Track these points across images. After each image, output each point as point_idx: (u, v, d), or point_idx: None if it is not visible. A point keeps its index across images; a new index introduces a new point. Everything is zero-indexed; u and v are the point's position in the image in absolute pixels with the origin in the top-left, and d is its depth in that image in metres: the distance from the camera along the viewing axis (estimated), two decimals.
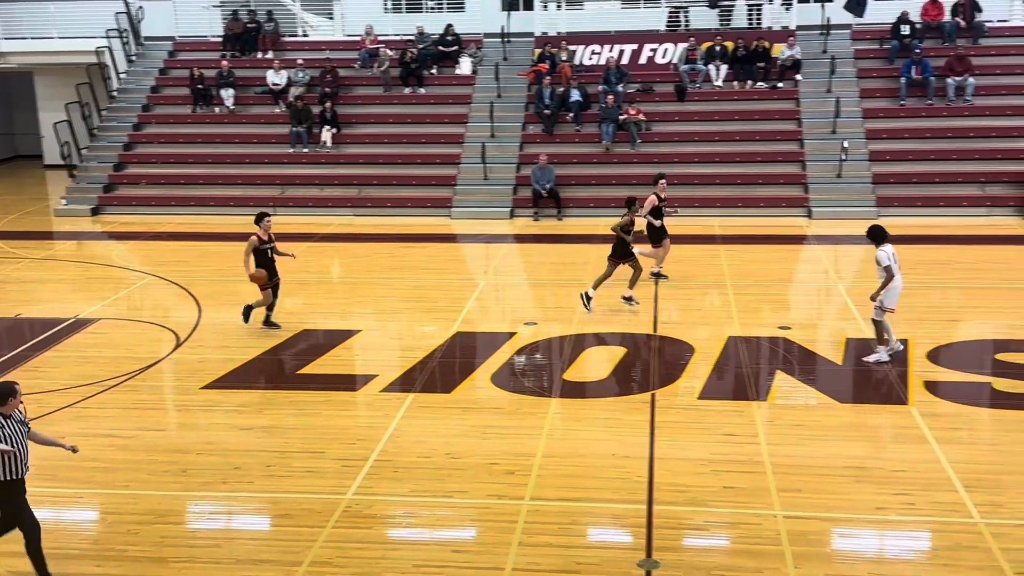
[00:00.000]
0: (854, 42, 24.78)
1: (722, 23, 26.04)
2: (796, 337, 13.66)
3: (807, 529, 8.70)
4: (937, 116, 22.77)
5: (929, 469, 9.74)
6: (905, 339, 13.30)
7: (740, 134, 23.25)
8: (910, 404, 11.32)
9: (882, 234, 12.43)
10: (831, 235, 19.67)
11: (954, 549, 8.33)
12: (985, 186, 21.25)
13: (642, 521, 8.91)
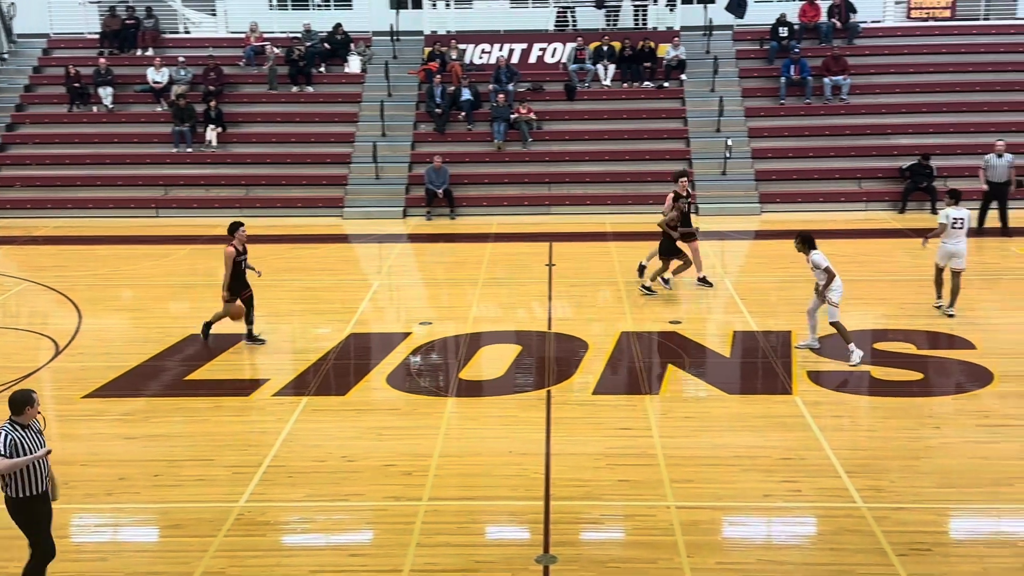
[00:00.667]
0: (736, 43, 25.46)
1: (609, 23, 26.42)
2: (686, 331, 13.95)
3: (699, 518, 8.89)
4: (815, 115, 23.56)
5: (813, 456, 10.07)
6: (788, 331, 13.74)
7: (629, 133, 23.63)
8: (794, 393, 11.69)
9: (813, 239, 12.70)
10: (717, 231, 20.14)
11: (838, 533, 8.63)
12: (861, 182, 22.08)
13: (539, 517, 8.96)
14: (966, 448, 10.16)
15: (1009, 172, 18.90)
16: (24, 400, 7.46)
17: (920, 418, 10.94)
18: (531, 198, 22.50)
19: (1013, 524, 8.77)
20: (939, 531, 8.67)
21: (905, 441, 10.39)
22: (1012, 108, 23.09)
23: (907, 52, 24.72)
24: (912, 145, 22.21)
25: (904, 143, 22.49)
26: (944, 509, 9.00)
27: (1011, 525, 8.75)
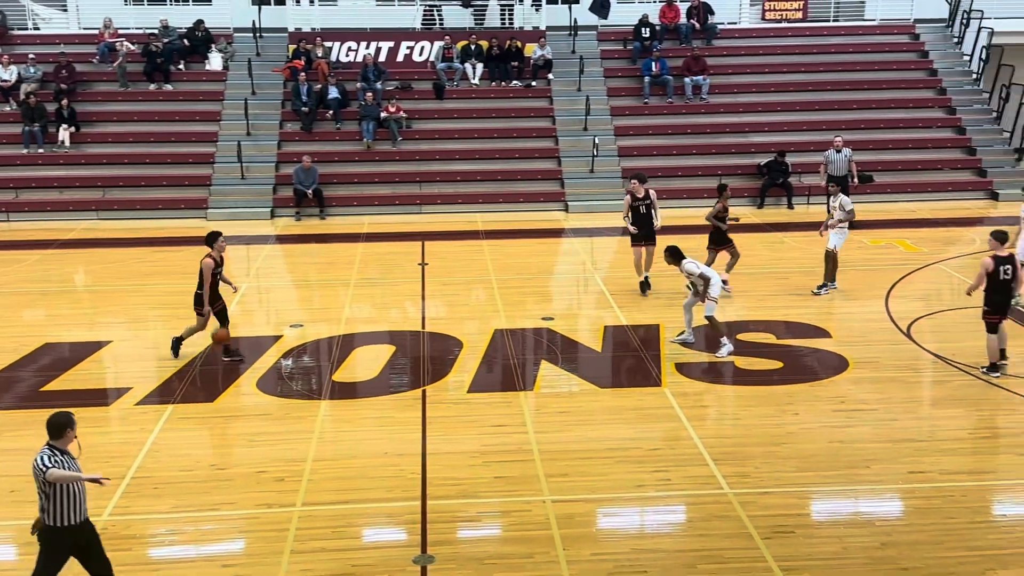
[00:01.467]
0: (600, 43, 25.91)
1: (476, 22, 26.50)
2: (559, 327, 14.13)
3: (574, 512, 9.02)
4: (678, 113, 24.20)
5: (682, 446, 10.35)
6: (657, 324, 14.08)
7: (498, 131, 23.77)
8: (663, 386, 11.98)
9: (680, 251, 13.04)
10: (587, 228, 20.48)
11: (707, 519, 8.90)
12: (722, 178, 22.78)
13: (416, 517, 8.93)
14: (824, 433, 10.62)
15: (848, 166, 19.82)
16: (65, 423, 6.96)
17: (781, 405, 11.37)
18: (402, 197, 22.38)
19: (870, 504, 9.21)
20: (801, 513, 9.04)
21: (767, 428, 10.78)
22: (861, 106, 24.22)
23: (762, 53, 25.64)
24: (769, 143, 23.06)
25: (761, 141, 23.33)
26: (805, 492, 9.38)
27: (868, 505, 9.19)
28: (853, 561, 8.19)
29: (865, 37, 26.00)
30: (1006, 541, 8.40)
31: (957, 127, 23.82)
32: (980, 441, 10.33)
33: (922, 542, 8.43)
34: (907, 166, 22.92)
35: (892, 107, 24.21)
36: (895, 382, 11.98)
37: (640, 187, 15.38)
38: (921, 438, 10.50)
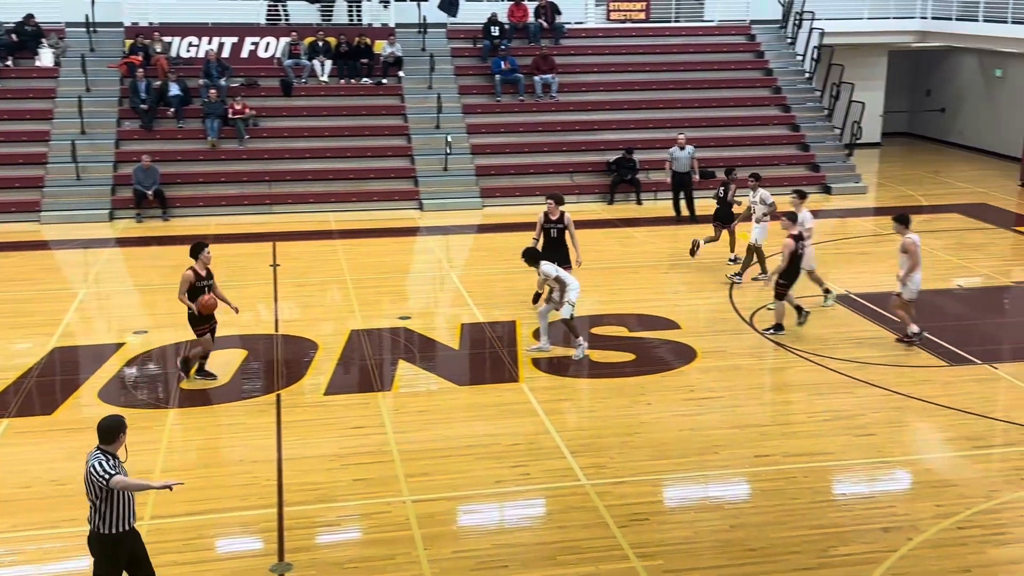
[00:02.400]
0: (450, 40, 25.92)
1: (323, 19, 26.08)
2: (416, 326, 14.07)
3: (435, 510, 9.01)
4: (528, 112, 24.46)
5: (540, 440, 10.48)
6: (513, 320, 14.20)
7: (349, 129, 23.46)
8: (521, 381, 12.10)
9: (538, 254, 13.04)
10: (442, 226, 20.47)
11: (565, 511, 9.04)
12: (573, 175, 23.19)
13: (273, 525, 8.73)
14: (675, 421, 10.96)
15: (691, 163, 20.50)
16: (118, 426, 6.81)
17: (634, 396, 11.66)
18: (251, 197, 21.82)
19: (719, 489, 9.55)
20: (655, 501, 9.30)
21: (622, 419, 11.04)
22: (702, 104, 25.05)
23: (608, 52, 26.20)
24: (617, 140, 23.58)
25: (610, 138, 23.83)
26: (659, 480, 9.65)
27: (717, 490, 9.53)
28: (704, 544, 8.48)
29: (704, 37, 26.91)
30: (846, 518, 8.87)
31: (792, 124, 24.93)
32: (819, 424, 10.86)
33: (768, 523, 8.80)
34: (747, 162, 23.77)
35: (731, 105, 25.14)
36: (740, 370, 12.46)
37: (555, 208, 14.16)
38: (765, 423, 10.96)
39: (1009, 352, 13.25)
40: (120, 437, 6.82)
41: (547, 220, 14.19)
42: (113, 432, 6.80)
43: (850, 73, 25.75)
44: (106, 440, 6.79)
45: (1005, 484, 9.44)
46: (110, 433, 6.79)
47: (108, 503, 6.72)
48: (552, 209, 14.17)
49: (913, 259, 12.74)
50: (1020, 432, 10.57)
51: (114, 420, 6.90)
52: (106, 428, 6.82)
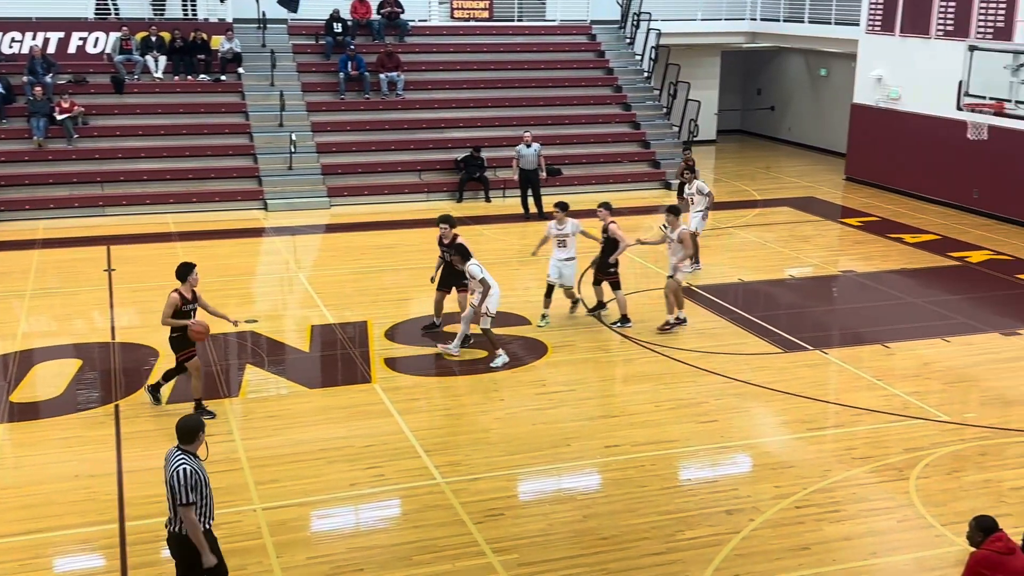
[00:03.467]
0: (291, 37, 25.39)
1: (156, 13, 25.09)
2: (263, 329, 13.74)
3: (287, 517, 8.84)
4: (374, 109, 24.24)
5: (395, 440, 10.42)
6: (364, 321, 14.06)
7: (187, 128, 22.67)
8: (373, 381, 12.00)
9: (468, 250, 12.68)
10: (288, 226, 20.06)
11: (421, 511, 9.02)
12: (422, 174, 23.13)
13: (115, 541, 8.38)
14: (528, 416, 11.09)
15: (538, 160, 20.81)
16: (197, 426, 6.82)
17: (487, 393, 11.74)
18: (82, 199, 20.81)
19: (572, 480, 9.73)
20: (510, 495, 9.39)
21: (476, 416, 11.11)
22: (547, 103, 25.41)
23: (453, 50, 26.24)
24: (464, 138, 23.65)
25: (457, 136, 23.88)
26: (513, 475, 9.75)
27: (570, 482, 9.71)
28: (558, 535, 8.62)
29: (547, 37, 27.29)
30: (691, 504, 9.18)
31: (632, 122, 25.60)
32: (665, 412, 11.20)
33: (619, 511, 9.03)
34: (591, 159, 24.34)
35: (575, 104, 25.61)
36: (589, 363, 12.73)
37: (450, 232, 13.18)
38: (614, 414, 11.23)
39: (838, 338, 14.01)
40: (200, 436, 6.84)
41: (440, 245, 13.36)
42: (193, 432, 6.81)
43: (686, 72, 26.64)
44: (186, 440, 6.81)
45: (838, 463, 9.98)
46: (190, 433, 6.81)
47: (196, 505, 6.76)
48: (446, 232, 13.20)
49: (688, 248, 13.51)
50: (850, 414, 11.20)
51: (193, 420, 6.96)
52: (187, 428, 6.83)
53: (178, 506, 6.68)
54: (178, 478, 6.62)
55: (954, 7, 21.31)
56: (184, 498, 6.62)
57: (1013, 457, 10.11)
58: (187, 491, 6.63)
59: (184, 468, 6.65)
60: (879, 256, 17.91)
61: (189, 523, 6.67)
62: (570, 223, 13.81)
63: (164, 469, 6.89)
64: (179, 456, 6.76)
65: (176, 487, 6.63)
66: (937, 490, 9.41)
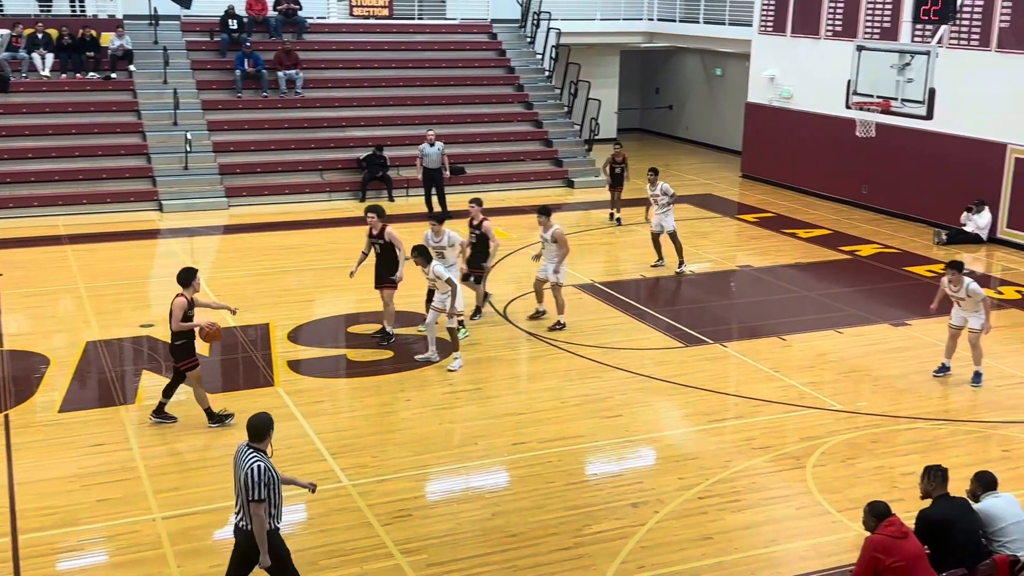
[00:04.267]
0: (185, 34, 24.78)
1: (42, 9, 24.19)
2: (160, 334, 13.37)
3: (188, 526, 8.63)
4: (273, 108, 23.83)
5: (299, 444, 10.26)
6: (267, 323, 13.81)
7: (77, 127, 21.92)
8: (276, 384, 11.80)
9: (428, 251, 12.42)
10: (185, 227, 19.57)
11: (327, 515, 8.91)
12: (323, 173, 22.84)
13: (7, 555, 8.06)
14: (436, 415, 11.06)
15: (441, 159, 20.78)
16: (268, 424, 6.89)
17: (394, 393, 11.67)
18: None
19: (480, 479, 9.74)
20: (418, 496, 9.35)
21: (383, 416, 11.03)
22: (449, 102, 25.37)
23: (353, 48, 25.97)
24: (366, 137, 23.44)
25: (359, 135, 23.65)
26: (421, 475, 9.71)
27: (478, 480, 9.71)
28: (466, 534, 8.62)
29: (448, 35, 27.24)
30: (597, 498, 9.28)
31: (535, 121, 25.75)
32: (571, 408, 11.30)
33: (527, 507, 9.07)
34: (494, 158, 24.39)
35: (477, 102, 25.62)
36: (496, 361, 12.76)
37: (378, 222, 13.16)
38: (521, 411, 11.28)
39: (737, 331, 14.35)
40: (270, 433, 6.92)
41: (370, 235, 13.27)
42: (263, 429, 6.89)
43: (586, 72, 26.92)
44: (257, 438, 6.87)
45: (738, 454, 10.22)
46: (261, 431, 6.88)
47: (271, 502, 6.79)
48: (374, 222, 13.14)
49: (564, 248, 13.57)
50: (749, 405, 11.47)
51: (264, 417, 6.96)
52: (259, 426, 6.90)
53: (249, 502, 6.69)
54: (252, 475, 6.67)
55: (842, 8, 22.04)
56: (256, 494, 6.66)
57: (904, 444, 10.51)
58: (260, 488, 6.67)
59: (259, 465, 6.72)
60: (774, 251, 18.41)
61: (257, 519, 6.69)
62: (447, 234, 13.23)
63: (234, 465, 6.92)
64: (252, 453, 6.82)
65: (249, 483, 6.66)
66: (832, 477, 9.71)
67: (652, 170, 17.12)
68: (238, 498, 6.86)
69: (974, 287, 11.68)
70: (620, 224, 20.10)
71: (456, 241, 13.25)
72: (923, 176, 20.32)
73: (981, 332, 11.81)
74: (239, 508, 6.87)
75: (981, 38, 18.93)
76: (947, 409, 11.43)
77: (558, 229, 13.66)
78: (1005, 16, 18.47)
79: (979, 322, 11.78)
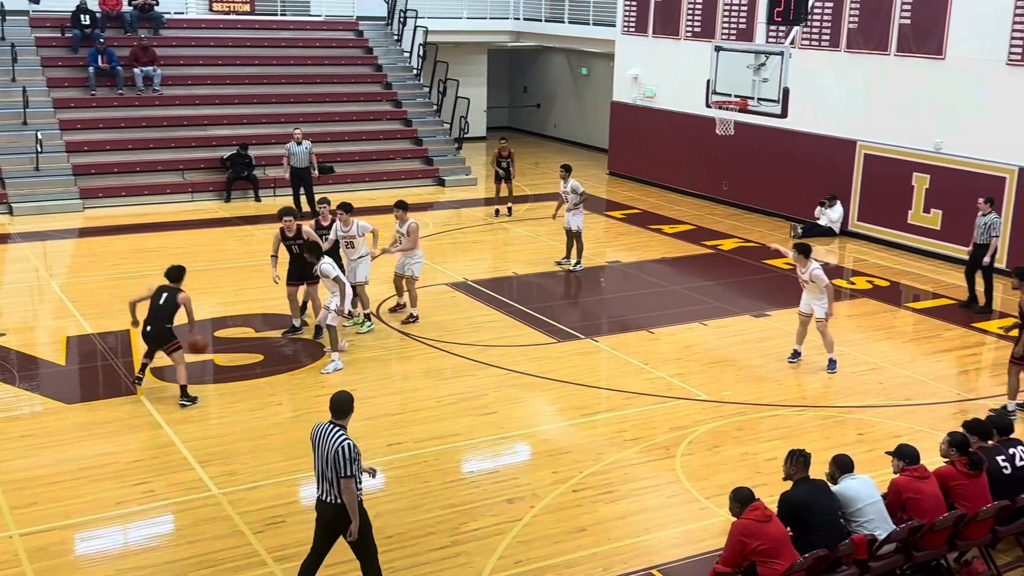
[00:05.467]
0: (34, 29, 23.64)
1: None
2: (12, 343, 12.74)
3: (47, 542, 8.26)
4: (130, 106, 22.97)
5: (165, 453, 9.94)
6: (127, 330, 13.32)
7: None
8: (139, 393, 11.39)
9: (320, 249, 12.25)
10: (37, 231, 18.68)
11: (196, 524, 8.66)
12: (185, 173, 22.16)
13: None
14: (309, 419, 10.80)
15: (309, 158, 20.47)
16: (350, 401, 7.19)
17: (264, 398, 11.42)
18: None
19: None
20: (291, 501, 9.18)
21: (253, 422, 10.78)
22: (316, 100, 24.97)
23: (213, 44, 25.25)
24: (230, 135, 22.85)
25: (222, 134, 23.04)
26: (294, 480, 9.53)
27: None
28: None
29: (312, 32, 26.81)
30: (474, 495, 9.31)
31: (404, 119, 25.61)
32: (446, 407, 11.30)
33: (403, 508, 9.03)
34: (364, 157, 24.14)
35: (345, 100, 25.31)
36: (369, 362, 12.64)
37: (293, 224, 12.96)
38: (396, 411, 11.21)
39: (607, 326, 14.62)
40: (351, 411, 7.19)
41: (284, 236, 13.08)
42: (348, 406, 7.19)
43: (455, 70, 26.94)
44: (341, 415, 7.15)
45: (610, 446, 10.42)
46: (346, 407, 7.18)
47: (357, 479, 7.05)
48: (290, 225, 12.99)
49: (412, 242, 13.75)
50: (620, 398, 11.71)
51: (347, 395, 7.23)
52: (340, 403, 7.17)
53: (341, 478, 6.95)
54: (344, 452, 6.94)
55: (700, 10, 22.71)
56: (347, 471, 6.94)
57: (766, 430, 10.91)
58: (351, 465, 6.95)
59: (349, 442, 7.00)
60: (641, 246, 18.84)
61: (349, 493, 6.98)
62: (355, 224, 13.38)
63: (317, 442, 7.10)
64: (338, 431, 7.06)
65: (340, 461, 6.93)
66: (700, 465, 10.01)
67: (564, 167, 17.36)
68: (320, 474, 7.07)
69: (817, 272, 12.25)
70: (511, 214, 20.45)
71: (367, 230, 13.44)
72: (779, 172, 21.14)
73: (825, 319, 12.40)
74: (323, 484, 7.08)
75: (831, 39, 19.81)
76: (806, 396, 11.93)
77: (413, 223, 13.78)
78: (853, 18, 19.38)
79: (822, 310, 12.37)
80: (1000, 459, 8.25)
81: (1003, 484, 8.12)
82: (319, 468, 7.12)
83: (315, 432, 7.20)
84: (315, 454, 7.16)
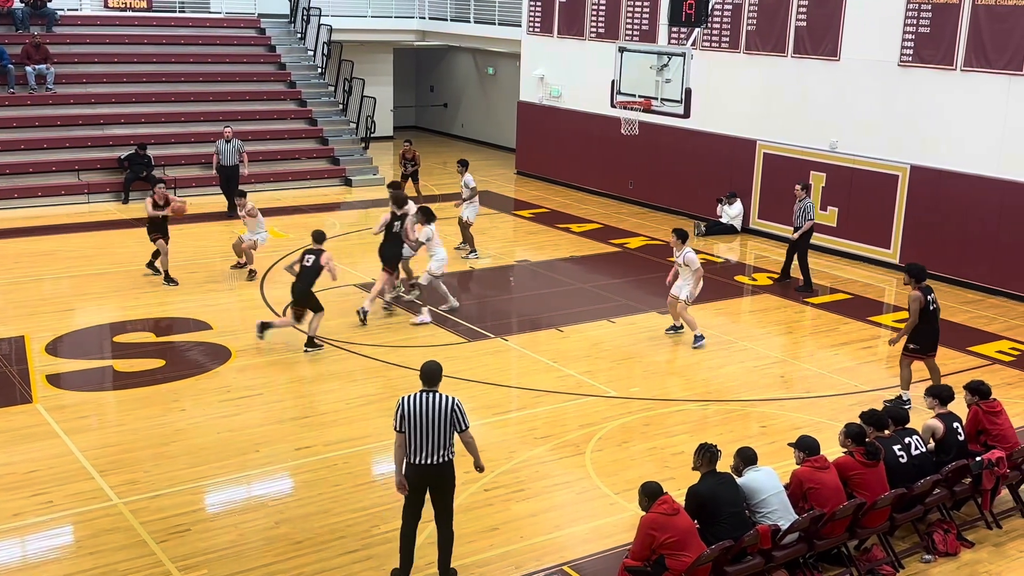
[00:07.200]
0: None
1: None
2: None
3: None
4: (22, 105, 22.16)
5: (63, 463, 9.63)
6: (22, 336, 12.86)
7: None
8: (34, 401, 11.00)
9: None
10: None
11: (97, 535, 8.41)
12: (80, 174, 21.48)
13: None
14: (213, 424, 10.65)
15: (238, 155, 20.15)
16: (440, 370, 7.71)
17: (166, 403, 11.14)
18: None
19: (262, 487, 9.47)
20: (196, 509, 8.97)
21: (155, 429, 10.50)
22: (217, 98, 24.45)
23: (109, 42, 24.53)
24: (128, 135, 22.22)
25: (119, 133, 22.39)
26: (198, 487, 9.32)
27: (260, 488, 9.44)
28: (249, 545, 8.36)
29: (212, 29, 26.24)
30: (385, 498, 9.24)
31: (309, 119, 25.28)
32: (355, 409, 11.19)
33: (313, 513, 8.91)
34: (268, 156, 23.73)
35: (248, 99, 24.85)
36: (277, 365, 12.44)
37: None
38: (305, 415, 11.06)
39: (517, 325, 14.67)
40: (441, 379, 7.71)
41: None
42: (438, 375, 7.69)
43: (360, 69, 26.70)
44: (433, 382, 7.66)
45: (521, 444, 10.46)
46: (437, 374, 7.69)
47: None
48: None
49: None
50: (531, 396, 11.77)
51: (436, 364, 7.73)
52: (433, 371, 7.71)
53: (462, 432, 7.58)
54: (460, 408, 7.57)
55: (604, 11, 22.96)
56: (467, 422, 7.61)
57: (673, 425, 11.10)
58: (467, 415, 7.63)
59: (457, 399, 7.60)
60: (550, 245, 18.96)
61: (473, 442, 7.72)
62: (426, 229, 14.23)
63: (418, 410, 7.48)
64: (441, 395, 7.58)
65: (459, 416, 7.53)
66: (609, 461, 10.12)
67: (460, 162, 17.96)
68: (424, 439, 7.47)
69: (690, 256, 13.09)
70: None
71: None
72: (683, 171, 21.52)
73: (685, 302, 13.17)
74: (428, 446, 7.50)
75: (731, 41, 20.25)
76: (710, 391, 12.17)
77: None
78: (752, 20, 19.84)
79: (686, 292, 13.13)
80: (896, 448, 8.55)
81: (900, 473, 8.42)
82: (422, 434, 7.49)
83: (409, 403, 7.55)
84: (413, 422, 7.49)
